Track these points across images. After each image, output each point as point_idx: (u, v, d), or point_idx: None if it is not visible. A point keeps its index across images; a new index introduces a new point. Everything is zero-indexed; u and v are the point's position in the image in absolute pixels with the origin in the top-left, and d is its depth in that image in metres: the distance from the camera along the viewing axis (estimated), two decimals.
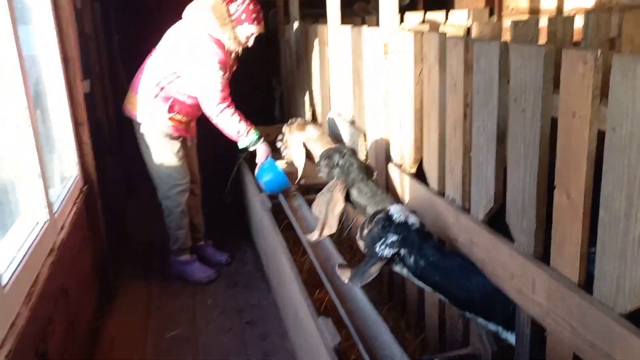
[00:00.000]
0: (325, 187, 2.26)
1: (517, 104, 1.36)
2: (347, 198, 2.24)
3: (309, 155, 2.69)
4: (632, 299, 1.09)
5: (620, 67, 1.04)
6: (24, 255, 1.75)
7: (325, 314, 1.82)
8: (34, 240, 1.88)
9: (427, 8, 5.03)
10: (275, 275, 2.74)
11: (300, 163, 2.69)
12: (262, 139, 2.95)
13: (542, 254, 1.37)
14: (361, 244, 1.82)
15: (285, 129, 2.78)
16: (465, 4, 5.09)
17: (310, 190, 3.00)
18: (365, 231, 1.79)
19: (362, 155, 2.54)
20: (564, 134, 1.22)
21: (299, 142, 2.70)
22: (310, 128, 2.69)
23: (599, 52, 1.11)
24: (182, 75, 2.84)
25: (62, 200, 2.35)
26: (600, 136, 1.14)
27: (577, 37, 2.58)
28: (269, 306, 2.82)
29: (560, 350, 1.31)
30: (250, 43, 2.89)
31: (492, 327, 1.62)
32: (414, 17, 4.24)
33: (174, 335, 2.64)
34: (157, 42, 2.97)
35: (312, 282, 2.61)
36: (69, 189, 2.50)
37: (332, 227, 2.18)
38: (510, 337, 1.56)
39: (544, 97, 1.27)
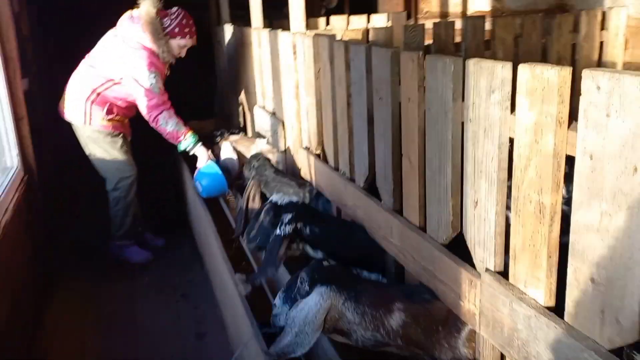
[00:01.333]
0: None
1: (377, 93, 1.79)
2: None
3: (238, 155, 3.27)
4: (446, 231, 1.53)
5: (430, 64, 1.48)
6: None
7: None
8: None
9: (352, 11, 5.51)
10: (206, 250, 3.09)
11: (234, 162, 3.18)
12: (199, 143, 3.15)
13: (400, 208, 1.80)
14: (252, 245, 2.14)
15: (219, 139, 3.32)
16: (387, 8, 5.59)
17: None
18: (254, 231, 2.10)
19: (281, 142, 2.94)
20: (404, 114, 1.66)
21: (229, 147, 3.21)
22: (232, 136, 3.35)
23: (421, 53, 1.54)
24: (118, 82, 3.10)
25: (5, 187, 2.62)
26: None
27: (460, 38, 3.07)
28: (201, 282, 3.17)
29: (410, 279, 1.75)
30: (183, 54, 3.17)
31: (374, 277, 2.04)
32: (339, 21, 4.68)
33: (112, 312, 2.94)
34: (93, 45, 3.23)
35: (237, 258, 2.98)
36: (11, 178, 2.76)
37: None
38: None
39: (392, 87, 1.70)
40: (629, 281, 0.98)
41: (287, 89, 2.74)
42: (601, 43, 3.13)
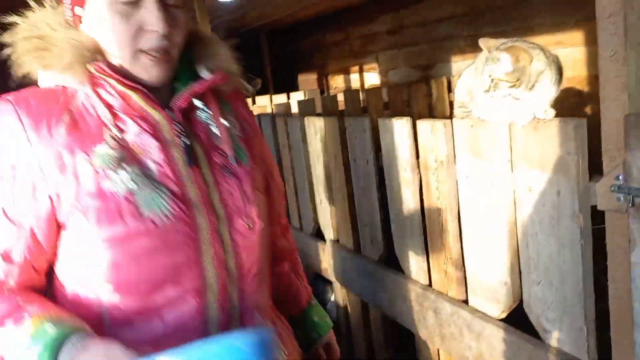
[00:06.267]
0: None
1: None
2: None
3: None
4: (310, 224, 2.53)
5: (289, 122, 2.54)
6: None
7: None
8: None
9: (275, 91, 6.77)
10: None
11: None
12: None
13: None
14: None
15: None
16: (305, 86, 6.89)
17: None
18: None
19: None
20: (282, 155, 2.70)
21: None
22: None
23: (285, 116, 2.61)
24: None
25: None
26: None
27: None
28: None
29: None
30: None
31: None
32: (263, 99, 5.87)
33: None
34: None
35: None
36: None
37: None
38: None
39: (274, 139, 2.75)
40: (375, 220, 2.00)
41: None
42: (451, 102, 4.36)
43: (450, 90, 4.38)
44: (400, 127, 1.75)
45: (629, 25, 1.03)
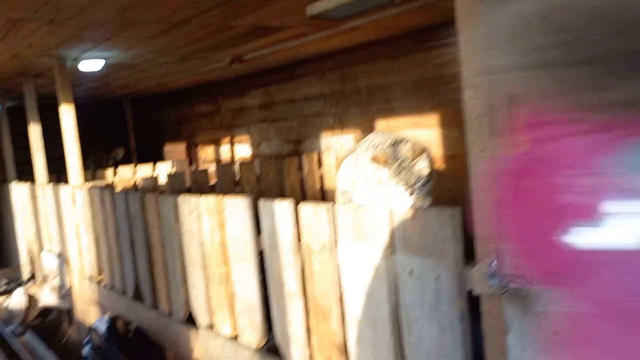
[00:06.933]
0: None
1: (134, 223, 2.65)
2: None
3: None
4: (182, 310, 2.37)
5: (161, 201, 2.42)
6: None
7: None
8: None
9: (140, 160, 6.48)
10: None
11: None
12: None
13: (156, 303, 2.59)
14: None
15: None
16: (171, 156, 6.70)
17: None
18: None
19: (67, 277, 3.54)
20: (151, 236, 2.53)
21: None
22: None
23: (157, 194, 2.48)
24: None
25: None
26: None
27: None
28: None
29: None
30: None
31: None
32: (126, 170, 5.57)
33: None
34: None
35: None
36: None
37: None
38: None
39: (143, 219, 2.59)
40: (255, 304, 1.92)
41: (70, 229, 3.44)
42: (322, 176, 4.51)
43: (320, 164, 4.56)
44: (282, 209, 1.74)
45: (494, 126, 1.14)
